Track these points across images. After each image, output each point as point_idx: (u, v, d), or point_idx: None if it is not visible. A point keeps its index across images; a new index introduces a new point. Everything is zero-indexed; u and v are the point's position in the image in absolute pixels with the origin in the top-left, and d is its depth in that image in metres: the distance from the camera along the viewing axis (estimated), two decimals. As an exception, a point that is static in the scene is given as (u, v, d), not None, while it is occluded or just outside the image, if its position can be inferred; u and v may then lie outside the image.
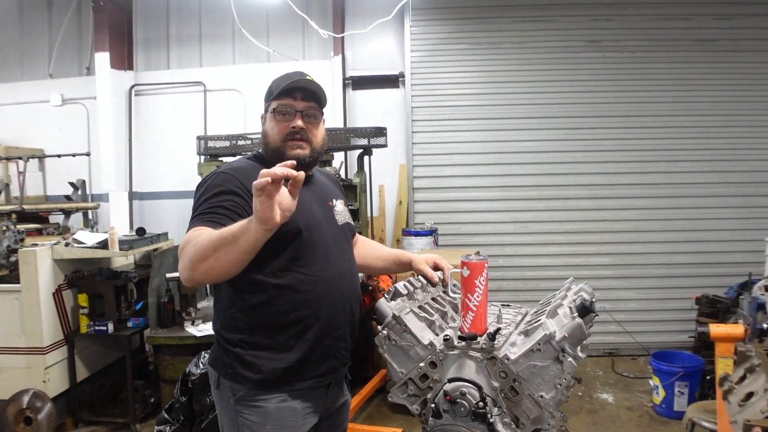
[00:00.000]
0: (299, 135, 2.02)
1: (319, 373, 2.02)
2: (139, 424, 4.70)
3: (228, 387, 1.99)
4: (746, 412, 1.85)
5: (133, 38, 7.19)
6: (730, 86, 6.35)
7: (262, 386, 1.95)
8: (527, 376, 1.75)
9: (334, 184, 2.38)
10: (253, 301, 1.95)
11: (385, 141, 5.50)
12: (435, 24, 6.61)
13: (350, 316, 2.11)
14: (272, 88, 2.06)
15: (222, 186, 1.92)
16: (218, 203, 1.88)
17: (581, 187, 6.44)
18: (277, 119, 2.03)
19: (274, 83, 2.07)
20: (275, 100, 2.03)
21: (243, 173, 1.96)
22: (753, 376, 2.04)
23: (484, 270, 1.90)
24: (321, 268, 2.00)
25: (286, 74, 2.08)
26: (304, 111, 2.03)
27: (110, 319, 4.65)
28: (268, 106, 2.07)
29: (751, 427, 1.60)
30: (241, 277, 1.89)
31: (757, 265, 5.45)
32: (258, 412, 1.95)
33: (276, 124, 2.03)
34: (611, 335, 6.31)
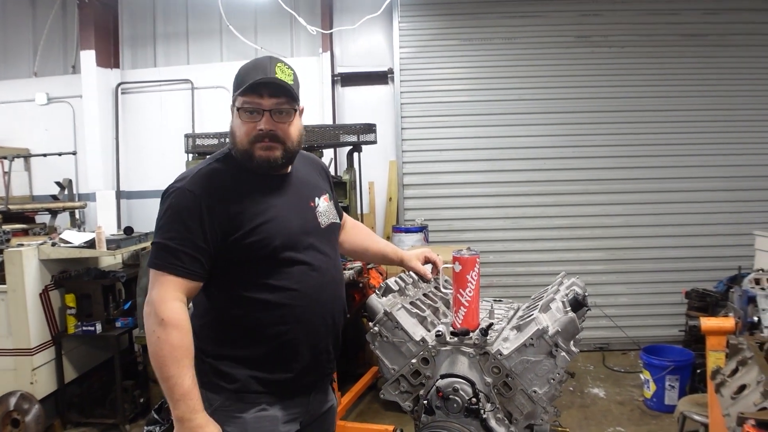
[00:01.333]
0: (267, 138, 1.85)
1: (300, 385, 1.95)
2: (129, 424, 4.67)
3: (204, 397, 1.83)
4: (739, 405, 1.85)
5: (119, 36, 7.12)
6: (719, 81, 6.37)
7: (239, 397, 1.87)
8: (520, 371, 1.73)
9: (319, 173, 2.20)
10: (230, 314, 1.88)
11: (375, 138, 5.47)
12: (424, 20, 6.59)
13: (332, 327, 2.02)
14: (238, 79, 1.87)
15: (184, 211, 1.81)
16: (180, 236, 1.79)
17: (571, 182, 6.45)
18: (243, 119, 1.86)
19: (240, 73, 1.88)
20: (241, 96, 1.84)
21: (209, 188, 1.84)
22: (745, 368, 2.04)
23: (475, 265, 1.89)
24: (300, 281, 1.90)
25: (254, 62, 1.90)
26: (273, 109, 1.85)
27: (98, 320, 4.60)
28: (234, 100, 1.88)
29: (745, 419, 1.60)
30: (218, 289, 1.89)
31: (747, 259, 5.50)
32: (235, 422, 1.86)
33: (243, 123, 1.86)
34: (602, 330, 6.32)
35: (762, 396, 1.75)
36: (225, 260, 1.84)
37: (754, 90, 6.37)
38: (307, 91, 6.43)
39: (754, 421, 1.58)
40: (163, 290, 1.76)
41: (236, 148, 1.90)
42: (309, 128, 5.01)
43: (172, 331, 1.71)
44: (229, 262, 1.85)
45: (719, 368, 2.20)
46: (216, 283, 1.88)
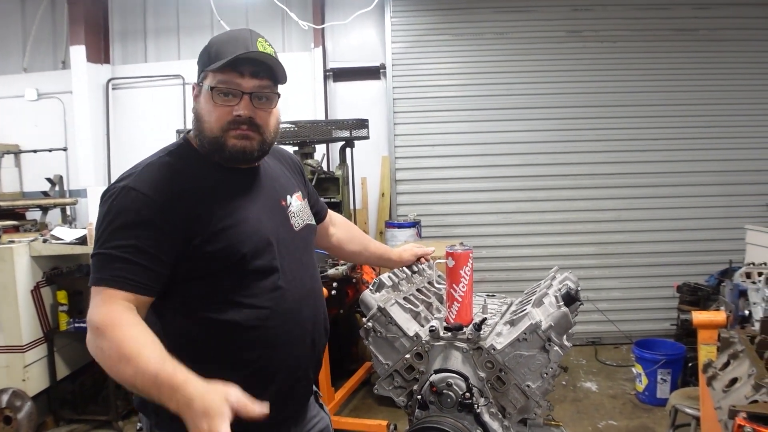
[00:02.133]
0: (245, 125, 1.59)
1: (276, 419, 1.47)
2: (122, 421, 4.66)
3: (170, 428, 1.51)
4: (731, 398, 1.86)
5: (109, 31, 7.06)
6: (710, 75, 6.40)
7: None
8: (513, 365, 1.73)
9: (290, 169, 1.94)
10: (189, 340, 1.55)
11: (367, 133, 5.47)
12: (416, 15, 6.58)
13: (312, 349, 1.76)
14: (211, 52, 1.58)
15: (129, 214, 1.50)
16: (127, 244, 1.47)
17: (564, 177, 6.46)
18: (216, 101, 1.57)
19: (213, 45, 1.59)
20: (215, 73, 1.56)
21: (161, 185, 1.55)
22: (736, 362, 2.05)
23: (469, 260, 1.89)
24: (272, 298, 1.62)
25: (230, 33, 1.62)
26: (254, 92, 1.59)
27: (90, 316, 4.58)
28: (204, 78, 1.59)
29: (737, 412, 1.60)
30: (173, 312, 1.59)
31: (738, 253, 5.53)
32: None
33: (215, 107, 1.57)
34: (594, 324, 6.35)
35: (753, 389, 1.76)
36: (182, 274, 1.55)
37: (745, 84, 6.39)
38: (299, 87, 6.48)
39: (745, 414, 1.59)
40: (105, 309, 1.44)
41: (203, 134, 1.61)
42: (301, 124, 5.00)
43: (108, 332, 1.39)
44: (188, 277, 1.55)
45: (711, 361, 2.21)
46: (170, 304, 1.58)
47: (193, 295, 1.57)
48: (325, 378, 4.29)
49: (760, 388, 1.74)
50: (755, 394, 1.74)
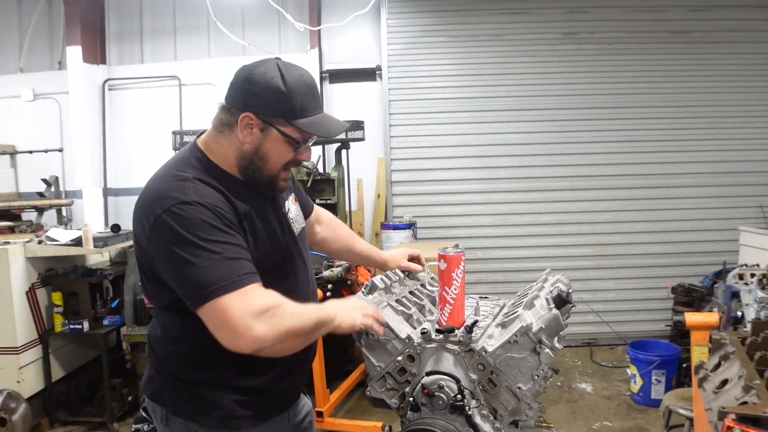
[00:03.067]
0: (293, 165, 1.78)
1: (281, 405, 1.88)
2: (117, 423, 4.65)
3: (181, 424, 1.74)
4: (721, 399, 1.86)
5: (105, 32, 7.05)
6: (705, 77, 6.42)
7: (223, 423, 1.73)
8: (505, 367, 1.74)
9: None
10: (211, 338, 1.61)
11: (363, 135, 5.48)
12: (411, 17, 6.59)
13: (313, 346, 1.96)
14: (295, 103, 1.64)
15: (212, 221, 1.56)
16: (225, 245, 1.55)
17: (559, 179, 6.48)
18: (295, 149, 1.71)
19: (297, 96, 1.64)
20: (303, 131, 1.68)
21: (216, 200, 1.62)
22: (727, 363, 2.06)
23: (461, 262, 1.89)
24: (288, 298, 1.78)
25: (308, 85, 1.69)
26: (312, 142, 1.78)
27: (85, 318, 4.59)
28: (284, 126, 1.66)
29: (726, 413, 1.61)
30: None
31: (732, 254, 5.56)
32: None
33: (288, 153, 1.70)
34: (590, 325, 6.37)
35: (743, 390, 1.77)
36: None
37: (740, 86, 6.42)
38: (294, 88, 6.47)
39: (734, 415, 1.60)
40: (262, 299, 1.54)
41: (261, 172, 1.71)
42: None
43: (276, 310, 1.54)
44: None
45: (702, 363, 2.22)
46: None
47: None
48: (320, 379, 4.29)
49: (749, 389, 1.74)
50: (745, 396, 1.74)
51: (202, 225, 1.54)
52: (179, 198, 1.57)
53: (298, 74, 1.69)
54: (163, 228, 1.55)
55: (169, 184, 1.62)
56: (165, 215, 1.55)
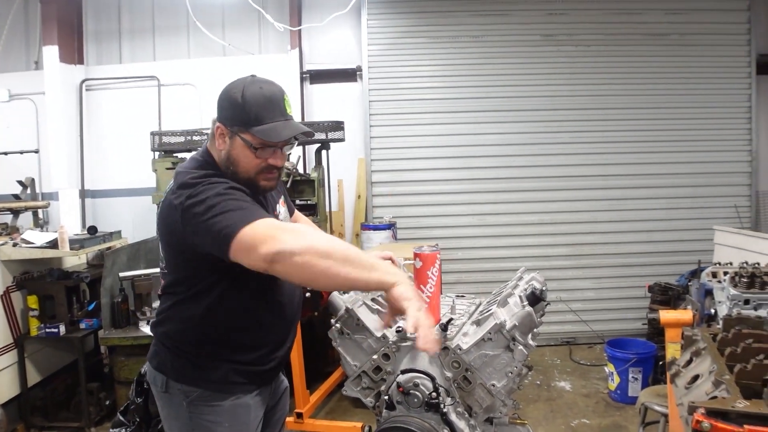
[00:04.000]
0: (275, 170, 1.93)
1: (270, 376, 2.10)
2: (94, 427, 4.60)
3: (179, 390, 1.95)
4: (692, 394, 1.89)
5: (83, 31, 6.97)
6: (681, 79, 6.51)
7: (218, 387, 1.95)
8: (479, 365, 1.76)
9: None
10: (215, 322, 1.92)
11: (343, 135, 5.48)
12: (392, 17, 6.60)
13: (294, 328, 2.17)
14: (250, 113, 1.84)
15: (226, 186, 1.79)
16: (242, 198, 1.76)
17: (538, 179, 6.53)
18: (258, 155, 1.87)
19: (252, 106, 1.84)
20: (257, 137, 1.84)
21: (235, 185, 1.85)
22: (699, 359, 2.09)
23: (436, 261, 1.91)
24: (283, 293, 2.02)
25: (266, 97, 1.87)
26: (284, 147, 1.94)
27: (62, 321, 4.53)
28: (243, 134, 1.85)
29: (696, 408, 1.64)
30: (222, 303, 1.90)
31: (707, 254, 5.63)
32: (213, 410, 1.95)
33: (255, 158, 1.87)
34: (568, 324, 6.43)
35: (713, 385, 1.80)
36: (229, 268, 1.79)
37: (715, 88, 6.52)
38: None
39: (703, 410, 1.62)
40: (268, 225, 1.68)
41: (237, 175, 1.88)
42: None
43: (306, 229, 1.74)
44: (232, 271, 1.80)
45: (675, 359, 2.25)
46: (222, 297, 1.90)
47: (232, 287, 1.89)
48: (300, 381, 4.28)
49: (719, 384, 1.77)
50: (715, 390, 1.77)
51: (217, 188, 1.75)
52: (199, 182, 1.79)
53: (258, 87, 1.88)
54: (189, 207, 1.74)
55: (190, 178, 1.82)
56: (190, 199, 1.75)
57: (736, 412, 1.58)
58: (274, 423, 2.25)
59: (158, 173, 5.40)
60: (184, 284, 1.93)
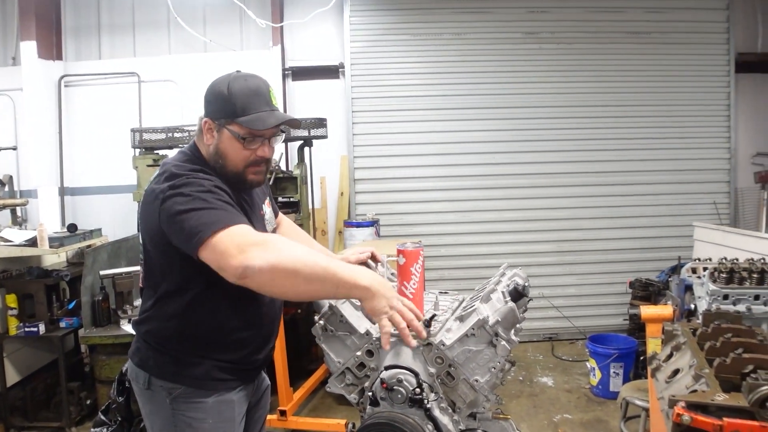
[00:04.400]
0: (263, 163, 1.95)
1: (252, 375, 2.14)
2: (75, 427, 4.55)
3: (162, 387, 1.96)
4: (672, 388, 1.92)
5: (61, 26, 6.87)
6: (661, 77, 6.59)
7: (201, 384, 1.95)
8: (462, 360, 1.76)
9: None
10: (197, 320, 1.93)
11: (326, 132, 5.47)
12: (374, 14, 6.60)
13: (277, 326, 2.19)
14: (236, 104, 1.86)
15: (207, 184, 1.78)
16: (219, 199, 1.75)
17: (520, 176, 6.57)
18: (245, 146, 1.89)
19: (238, 98, 1.87)
20: (244, 127, 1.86)
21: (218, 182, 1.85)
22: (679, 353, 2.12)
23: (419, 257, 1.91)
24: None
25: (251, 89, 1.89)
26: (272, 136, 1.94)
27: (41, 320, 4.47)
28: (230, 125, 1.88)
29: (676, 401, 1.66)
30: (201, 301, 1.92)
31: (687, 250, 5.70)
32: (197, 407, 1.95)
33: (242, 150, 1.90)
34: (551, 320, 6.48)
35: (693, 379, 1.82)
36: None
37: (695, 86, 6.61)
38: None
39: (684, 403, 1.65)
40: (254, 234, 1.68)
41: (224, 168, 1.91)
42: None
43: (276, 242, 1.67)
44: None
45: (656, 354, 2.27)
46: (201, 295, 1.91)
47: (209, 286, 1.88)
48: (283, 378, 4.27)
49: (699, 378, 1.80)
50: (695, 384, 1.80)
51: (202, 184, 1.76)
52: (185, 174, 1.81)
53: (243, 80, 1.91)
54: (170, 196, 1.74)
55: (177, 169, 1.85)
56: (172, 189, 1.76)
57: (716, 405, 1.61)
58: (255, 421, 2.26)
59: (139, 170, 5.34)
60: (164, 279, 1.93)
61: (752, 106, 6.80)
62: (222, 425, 1.98)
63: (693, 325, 2.33)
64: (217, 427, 1.97)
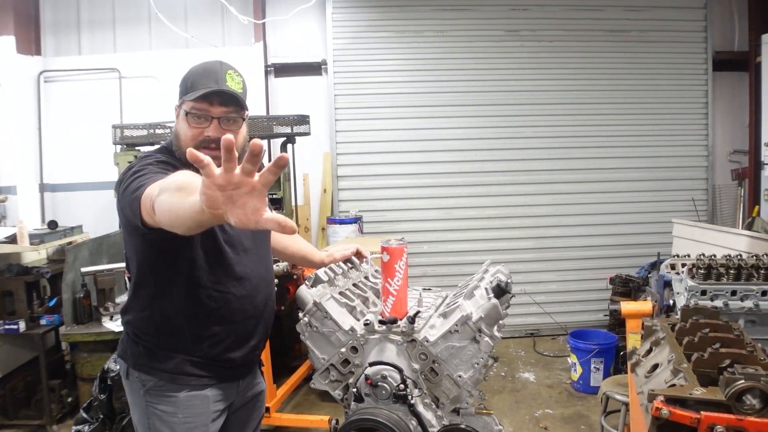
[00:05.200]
0: (214, 144, 1.84)
1: (231, 374, 2.06)
2: (56, 425, 4.52)
3: (137, 378, 1.97)
4: (652, 383, 1.95)
5: (40, 22, 6.78)
6: (640, 75, 6.66)
7: (172, 378, 1.94)
8: (446, 356, 1.78)
9: None
10: (171, 312, 1.92)
11: (308, 129, 5.46)
12: (357, 11, 6.59)
13: (264, 324, 2.12)
14: (188, 83, 1.90)
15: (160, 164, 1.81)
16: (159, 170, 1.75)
17: (501, 174, 6.61)
18: (190, 123, 1.87)
19: (190, 76, 1.90)
20: (190, 102, 1.85)
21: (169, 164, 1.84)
22: (658, 348, 2.15)
23: (403, 255, 1.93)
24: (236, 285, 1.97)
25: (204, 67, 1.91)
26: (222, 117, 1.87)
27: (21, 318, 4.42)
28: (182, 103, 1.89)
29: (655, 396, 1.69)
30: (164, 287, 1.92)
31: (666, 246, 5.77)
32: (168, 401, 1.94)
33: (189, 128, 1.87)
34: (532, 316, 6.53)
35: (672, 374, 1.86)
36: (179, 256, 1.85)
37: (673, 84, 6.69)
38: (239, 82, 6.39)
39: (663, 397, 1.67)
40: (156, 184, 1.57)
41: (180, 150, 1.90)
42: (241, 119, 4.95)
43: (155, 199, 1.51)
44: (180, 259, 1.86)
45: (635, 349, 2.31)
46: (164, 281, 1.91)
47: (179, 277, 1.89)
48: (267, 375, 4.26)
49: (677, 372, 1.83)
50: (673, 379, 1.83)
51: (156, 160, 1.82)
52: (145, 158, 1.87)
53: (204, 63, 1.93)
54: (126, 176, 1.76)
55: (139, 157, 1.92)
56: (129, 169, 1.79)
57: (694, 399, 1.64)
58: (243, 424, 2.22)
59: (120, 167, 5.30)
60: (136, 269, 1.95)
61: (729, 104, 6.91)
62: (192, 420, 1.96)
63: (672, 321, 2.37)
64: (187, 422, 1.95)
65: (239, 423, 2.20)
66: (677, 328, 2.19)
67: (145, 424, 2.00)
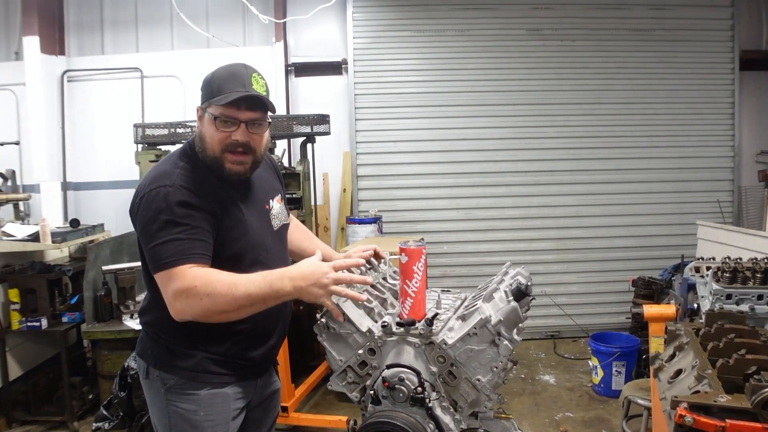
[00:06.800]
0: (241, 148, 1.91)
1: (251, 372, 2.10)
2: (77, 421, 4.56)
3: (157, 376, 1.99)
4: (675, 389, 1.91)
5: (64, 22, 6.86)
6: (665, 75, 6.57)
7: (193, 376, 1.96)
8: (464, 360, 1.76)
9: (272, 174, 2.29)
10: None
11: (328, 128, 5.46)
12: (377, 10, 6.58)
13: (282, 326, 2.17)
14: (213, 87, 1.90)
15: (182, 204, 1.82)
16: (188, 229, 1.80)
17: (523, 174, 6.56)
18: (218, 128, 1.89)
19: (216, 81, 1.90)
20: (217, 107, 1.87)
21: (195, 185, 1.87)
22: (682, 353, 2.11)
23: (422, 256, 1.90)
24: None
25: (229, 71, 1.91)
26: (249, 121, 1.90)
27: (44, 315, 4.47)
28: (207, 107, 1.91)
29: (678, 402, 1.65)
30: None
31: (690, 248, 5.68)
32: (190, 399, 1.96)
33: (217, 132, 1.89)
34: (553, 318, 6.47)
35: (696, 380, 1.81)
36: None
37: (699, 84, 6.59)
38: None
39: (686, 404, 1.64)
40: (180, 281, 1.75)
41: (205, 153, 1.93)
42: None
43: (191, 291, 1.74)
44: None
45: (658, 353, 2.27)
46: None
47: None
48: (285, 375, 4.27)
49: (702, 379, 1.79)
50: (697, 385, 1.79)
51: (173, 207, 1.80)
52: (163, 182, 1.85)
53: (228, 66, 1.94)
54: (144, 205, 1.84)
55: (161, 170, 1.92)
56: (147, 195, 1.85)
57: (719, 406, 1.60)
58: (259, 422, 2.24)
59: (141, 166, 5.34)
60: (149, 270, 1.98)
61: (756, 104, 6.79)
62: (214, 418, 1.97)
63: (696, 325, 2.32)
64: (209, 420, 1.97)
65: (255, 421, 2.21)
66: (702, 333, 2.15)
67: (165, 423, 2.01)
